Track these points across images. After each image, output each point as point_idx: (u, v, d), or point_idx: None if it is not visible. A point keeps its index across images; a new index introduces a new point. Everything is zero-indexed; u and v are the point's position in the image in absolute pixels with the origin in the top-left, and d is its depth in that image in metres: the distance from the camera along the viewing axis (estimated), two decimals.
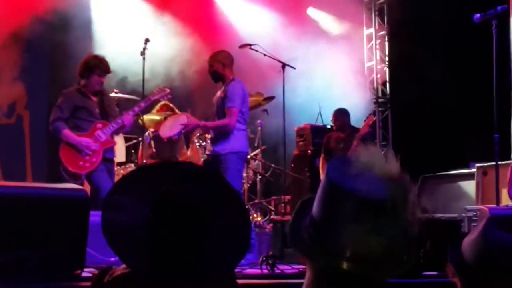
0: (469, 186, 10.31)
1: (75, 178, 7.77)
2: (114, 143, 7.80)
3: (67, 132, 7.57)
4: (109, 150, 7.75)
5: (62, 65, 10.93)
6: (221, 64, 7.87)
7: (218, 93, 7.90)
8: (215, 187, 2.39)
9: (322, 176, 9.58)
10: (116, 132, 7.96)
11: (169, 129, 8.11)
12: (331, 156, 9.70)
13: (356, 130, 10.04)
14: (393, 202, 1.84)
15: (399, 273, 1.90)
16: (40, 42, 11.13)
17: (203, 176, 2.43)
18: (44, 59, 11.36)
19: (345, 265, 1.81)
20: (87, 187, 7.75)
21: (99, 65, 7.69)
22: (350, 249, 1.81)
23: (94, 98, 7.80)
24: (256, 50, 9.16)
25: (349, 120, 10.12)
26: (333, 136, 9.98)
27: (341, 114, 10.08)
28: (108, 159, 7.72)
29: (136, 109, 7.88)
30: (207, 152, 7.97)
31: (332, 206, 1.87)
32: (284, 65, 9.14)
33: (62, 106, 7.69)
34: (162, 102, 9.75)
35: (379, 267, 1.85)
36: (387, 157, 1.95)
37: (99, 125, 7.64)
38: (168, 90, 8.26)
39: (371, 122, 9.80)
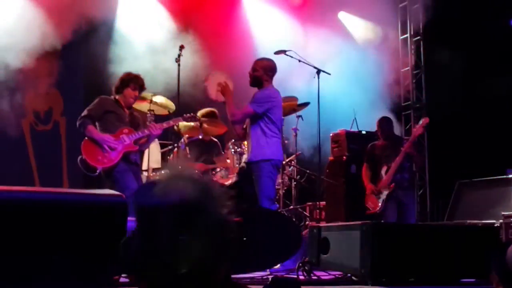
0: (506, 192, 10.20)
1: (90, 170, 7.86)
2: (136, 149, 7.94)
3: (91, 128, 7.80)
4: (133, 154, 7.91)
5: (96, 72, 11.03)
6: (264, 72, 7.96)
7: None
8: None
9: (365, 183, 9.58)
10: (140, 140, 8.09)
11: (216, 92, 8.19)
12: (375, 164, 9.66)
13: (399, 138, 10.02)
14: (196, 201, 1.90)
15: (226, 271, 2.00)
16: (74, 50, 11.23)
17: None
18: (78, 67, 11.48)
19: (181, 273, 1.90)
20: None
21: (133, 79, 7.98)
22: (178, 257, 1.88)
23: (127, 110, 8.08)
24: (291, 56, 9.16)
25: (392, 127, 10.06)
26: (378, 144, 9.90)
27: (387, 123, 10.00)
28: (132, 162, 7.85)
29: (165, 125, 8.05)
30: (243, 159, 8.05)
31: (148, 227, 1.97)
32: (319, 71, 9.13)
33: (94, 107, 7.95)
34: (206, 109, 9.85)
35: (212, 264, 1.91)
36: (183, 168, 2.06)
37: (126, 130, 7.87)
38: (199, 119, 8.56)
39: (426, 123, 9.67)
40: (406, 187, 9.56)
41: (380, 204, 9.38)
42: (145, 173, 9.55)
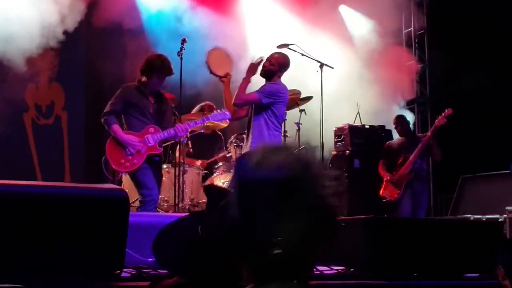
0: (510, 187, 10.18)
1: (112, 174, 7.79)
2: (160, 151, 7.71)
3: (116, 128, 7.54)
4: (156, 156, 7.70)
5: (98, 66, 11.01)
6: (279, 68, 7.99)
7: None
8: None
9: (382, 173, 9.60)
10: (166, 141, 7.99)
11: (219, 67, 8.09)
12: (392, 159, 9.68)
13: (416, 136, 10.06)
14: (299, 179, 1.83)
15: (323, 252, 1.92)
16: (76, 44, 11.21)
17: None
18: (80, 61, 11.45)
19: (275, 252, 1.82)
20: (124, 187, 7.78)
21: (160, 67, 7.62)
22: (278, 236, 1.81)
23: (152, 99, 7.75)
24: (294, 50, 9.13)
25: (409, 125, 10.14)
26: (395, 143, 10.04)
27: (405, 120, 10.08)
28: (154, 162, 7.69)
29: (192, 124, 7.90)
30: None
31: (247, 201, 1.88)
32: (322, 65, 9.10)
33: (116, 100, 7.67)
34: (204, 102, 9.81)
35: (306, 248, 1.85)
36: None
37: (151, 129, 7.59)
38: (229, 115, 8.09)
39: (449, 114, 9.62)
40: (423, 178, 9.63)
41: (398, 192, 9.40)
42: None
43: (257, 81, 8.09)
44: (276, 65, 7.96)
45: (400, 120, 10.06)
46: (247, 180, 1.87)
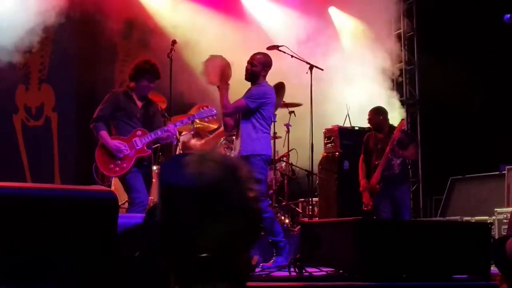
0: (499, 188, 10.21)
1: (102, 179, 7.77)
2: (149, 153, 7.68)
3: (103, 134, 7.56)
4: (144, 159, 7.68)
5: (89, 68, 10.99)
6: (262, 68, 7.95)
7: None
8: None
9: (360, 177, 9.50)
10: (156, 142, 8.00)
11: (213, 76, 8.03)
12: (370, 157, 9.53)
13: (392, 130, 9.87)
14: (222, 184, 1.87)
15: (247, 253, 1.96)
16: (67, 45, 11.21)
17: None
18: (71, 62, 11.42)
19: (202, 256, 1.86)
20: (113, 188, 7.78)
21: (149, 70, 7.65)
22: (203, 239, 1.85)
23: (139, 104, 7.77)
24: (284, 52, 9.12)
25: (384, 119, 9.71)
26: (372, 136, 9.72)
27: (375, 114, 9.70)
28: (144, 165, 7.68)
29: (178, 124, 7.87)
30: (232, 155, 7.94)
31: (172, 206, 1.92)
32: (311, 67, 9.10)
33: (104, 106, 7.70)
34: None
35: (234, 250, 1.88)
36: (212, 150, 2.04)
37: (139, 133, 7.60)
38: (215, 111, 8.06)
39: (403, 127, 9.49)
40: (397, 182, 9.40)
41: (371, 202, 9.30)
42: None
43: (244, 84, 8.07)
44: (258, 66, 7.93)
45: (369, 114, 9.76)
46: (171, 186, 1.91)
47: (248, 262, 2.00)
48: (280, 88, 9.10)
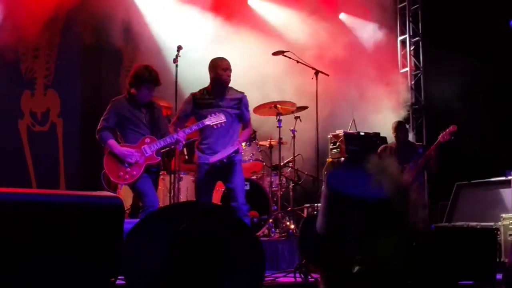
0: (505, 194, 10.19)
1: (113, 187, 7.72)
2: (158, 160, 7.57)
3: (112, 142, 7.47)
4: (153, 166, 7.60)
5: (94, 73, 11.00)
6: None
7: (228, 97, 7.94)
8: (230, 224, 2.40)
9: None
10: (164, 148, 7.88)
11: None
12: None
13: (412, 144, 9.94)
14: (392, 203, 1.82)
15: (405, 275, 1.91)
16: (73, 51, 11.22)
17: (220, 213, 2.43)
18: (76, 67, 11.43)
19: (356, 269, 1.81)
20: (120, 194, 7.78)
21: (148, 78, 7.56)
22: (358, 253, 1.80)
23: (143, 109, 7.69)
24: (289, 57, 9.13)
25: (407, 132, 9.97)
26: (391, 147, 9.91)
27: (404, 128, 9.98)
28: (152, 172, 7.61)
29: (187, 130, 7.64)
30: (218, 158, 7.82)
31: (335, 214, 1.86)
32: (317, 72, 9.10)
33: (108, 116, 7.60)
34: None
35: (388, 268, 1.85)
36: (387, 164, 1.94)
37: (147, 140, 7.51)
38: (224, 118, 7.70)
39: (454, 130, 9.53)
40: (420, 189, 9.55)
41: None
42: None
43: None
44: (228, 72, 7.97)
45: (397, 128, 9.96)
46: (339, 196, 1.85)
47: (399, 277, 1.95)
48: None
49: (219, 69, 7.88)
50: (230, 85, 7.95)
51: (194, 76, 8.81)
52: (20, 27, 9.94)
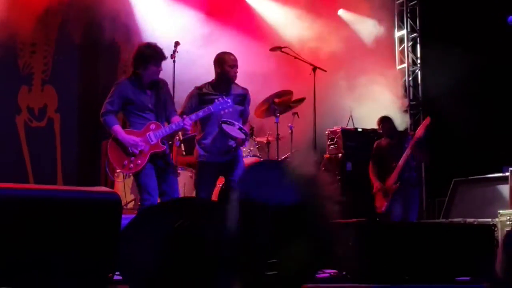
0: (503, 190, 10.20)
1: (106, 180, 7.63)
2: (163, 148, 7.23)
3: (117, 128, 7.18)
4: (160, 154, 7.26)
5: (92, 69, 10.99)
6: None
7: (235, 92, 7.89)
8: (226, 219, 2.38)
9: (373, 180, 9.50)
10: (172, 136, 7.64)
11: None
12: (382, 162, 9.54)
13: (404, 135, 9.89)
14: (306, 206, 1.82)
15: (315, 274, 1.93)
16: (70, 46, 11.22)
17: (216, 210, 2.42)
18: (74, 63, 11.42)
19: (271, 274, 1.81)
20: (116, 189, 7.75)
21: (153, 55, 7.25)
22: (275, 257, 1.80)
23: (149, 91, 7.34)
24: (287, 53, 9.13)
25: (393, 126, 9.83)
26: (384, 143, 9.76)
27: (387, 121, 9.79)
28: (159, 164, 7.27)
29: (194, 116, 7.35)
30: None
31: (250, 221, 1.86)
32: (315, 68, 9.10)
33: (112, 99, 7.29)
34: None
35: (301, 271, 1.85)
36: (304, 159, 1.94)
37: (152, 126, 7.21)
38: (230, 102, 7.52)
39: (427, 123, 9.50)
40: (414, 185, 9.50)
41: (386, 203, 9.30)
42: None
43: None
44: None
45: (380, 123, 9.86)
46: (251, 200, 1.85)
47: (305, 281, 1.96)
48: None
49: (226, 65, 7.78)
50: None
51: (190, 74, 8.84)
52: (17, 23, 9.93)
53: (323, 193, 1.88)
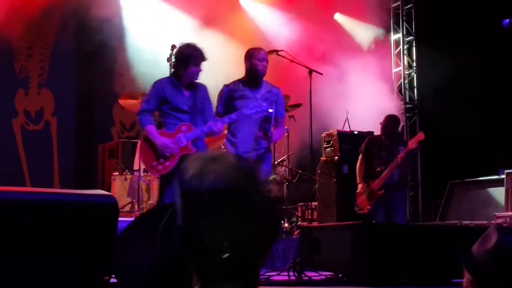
0: (499, 193, 10.22)
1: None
2: (193, 151, 7.08)
3: (150, 128, 7.16)
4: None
5: (88, 72, 11.01)
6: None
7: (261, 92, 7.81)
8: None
9: (358, 179, 9.49)
10: (202, 138, 7.47)
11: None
12: (370, 161, 9.50)
13: (401, 139, 9.82)
14: (240, 188, 1.89)
15: (265, 255, 1.98)
16: (67, 50, 11.23)
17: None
18: (70, 67, 11.44)
19: (225, 257, 1.88)
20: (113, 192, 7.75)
21: (193, 54, 7.18)
22: (224, 240, 1.87)
23: (187, 93, 7.28)
24: (283, 56, 9.13)
25: (397, 130, 9.78)
26: (376, 142, 9.68)
27: (394, 122, 9.69)
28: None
29: (226, 119, 7.34)
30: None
31: (190, 209, 1.93)
32: (311, 71, 9.10)
33: (150, 98, 7.28)
34: None
35: (253, 251, 1.91)
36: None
37: (184, 128, 7.14)
38: (266, 107, 7.43)
39: (421, 139, 9.46)
40: (395, 188, 9.43)
41: (369, 206, 9.28)
42: (136, 173, 9.52)
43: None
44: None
45: (385, 121, 9.73)
46: (189, 189, 1.93)
47: (260, 263, 2.01)
48: None
49: (255, 59, 7.69)
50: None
51: None
52: (13, 26, 9.94)
53: (256, 178, 1.95)
